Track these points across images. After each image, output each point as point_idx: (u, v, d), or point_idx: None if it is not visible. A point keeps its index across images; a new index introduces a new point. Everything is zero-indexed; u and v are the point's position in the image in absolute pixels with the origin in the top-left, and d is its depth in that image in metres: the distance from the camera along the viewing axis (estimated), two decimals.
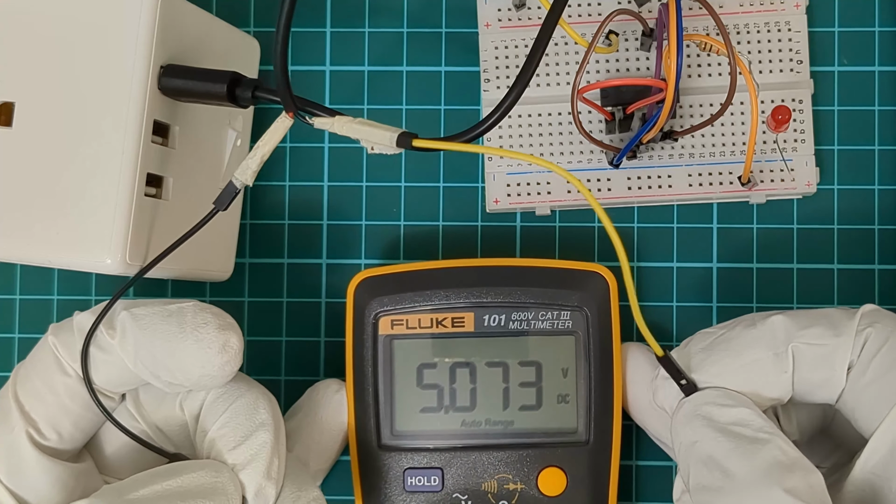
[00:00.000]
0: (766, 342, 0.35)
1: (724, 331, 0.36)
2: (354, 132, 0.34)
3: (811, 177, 0.42)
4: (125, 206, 0.35)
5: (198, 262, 0.40)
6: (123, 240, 0.35)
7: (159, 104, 0.36)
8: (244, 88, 0.36)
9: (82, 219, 0.35)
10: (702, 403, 0.34)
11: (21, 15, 0.36)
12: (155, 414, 0.37)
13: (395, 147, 0.33)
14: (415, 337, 0.40)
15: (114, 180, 0.35)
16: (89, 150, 0.35)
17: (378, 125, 0.34)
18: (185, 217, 0.38)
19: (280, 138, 0.35)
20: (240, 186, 0.35)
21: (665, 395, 0.36)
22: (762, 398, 0.35)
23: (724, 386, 0.35)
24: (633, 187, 0.43)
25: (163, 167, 0.37)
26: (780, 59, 0.43)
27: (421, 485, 0.40)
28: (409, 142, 0.33)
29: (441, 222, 0.44)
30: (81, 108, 0.35)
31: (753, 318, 0.36)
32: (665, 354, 0.35)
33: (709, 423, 0.34)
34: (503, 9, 0.43)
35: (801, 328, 0.34)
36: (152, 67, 0.35)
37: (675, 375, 0.35)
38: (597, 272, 0.40)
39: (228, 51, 0.40)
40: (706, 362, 0.35)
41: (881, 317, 0.34)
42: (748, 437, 0.33)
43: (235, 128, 0.41)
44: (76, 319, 0.35)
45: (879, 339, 0.34)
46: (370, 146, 0.34)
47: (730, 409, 0.34)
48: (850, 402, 0.34)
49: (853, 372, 0.34)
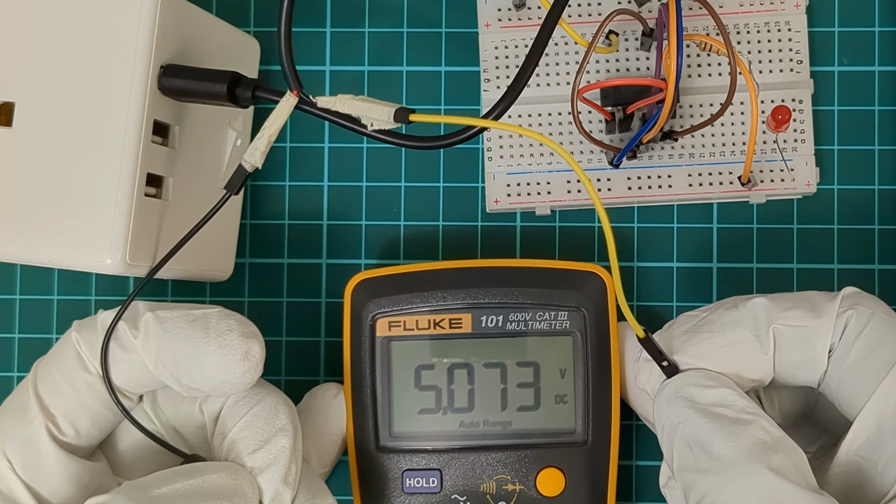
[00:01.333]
0: (748, 324, 0.35)
1: (706, 313, 0.36)
2: (354, 108, 0.34)
3: (811, 177, 0.42)
4: (125, 207, 0.35)
5: (198, 262, 0.41)
6: (124, 240, 0.35)
7: (159, 104, 0.36)
8: (244, 88, 0.36)
9: (82, 219, 0.35)
10: (684, 385, 0.35)
11: (21, 15, 0.36)
12: (172, 415, 0.37)
13: (393, 122, 0.34)
14: (412, 338, 0.40)
15: (114, 180, 0.35)
16: (89, 151, 0.35)
17: (377, 101, 0.34)
18: (185, 217, 0.38)
19: (286, 118, 0.35)
20: (250, 169, 0.35)
21: (647, 377, 0.37)
22: (744, 379, 0.35)
23: (705, 367, 0.35)
24: (633, 187, 0.43)
25: (163, 167, 0.37)
26: (780, 59, 0.42)
27: (420, 486, 0.40)
28: (405, 116, 0.34)
29: (441, 222, 0.44)
30: (81, 108, 0.35)
31: (735, 301, 0.36)
32: (646, 336, 0.35)
33: (691, 404, 0.34)
34: (503, 9, 0.43)
35: (781, 310, 0.35)
36: (152, 67, 0.35)
37: (656, 357, 0.35)
38: (594, 272, 0.40)
39: (228, 51, 0.40)
40: (688, 344, 0.35)
41: (862, 299, 0.35)
42: (731, 418, 0.33)
43: (235, 128, 0.41)
44: (100, 317, 0.35)
45: (861, 321, 0.34)
46: (370, 122, 0.34)
47: (712, 389, 0.34)
48: (833, 385, 0.35)
49: (835, 354, 0.34)
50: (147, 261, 0.36)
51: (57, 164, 0.35)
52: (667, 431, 0.35)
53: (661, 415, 0.35)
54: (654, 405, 0.36)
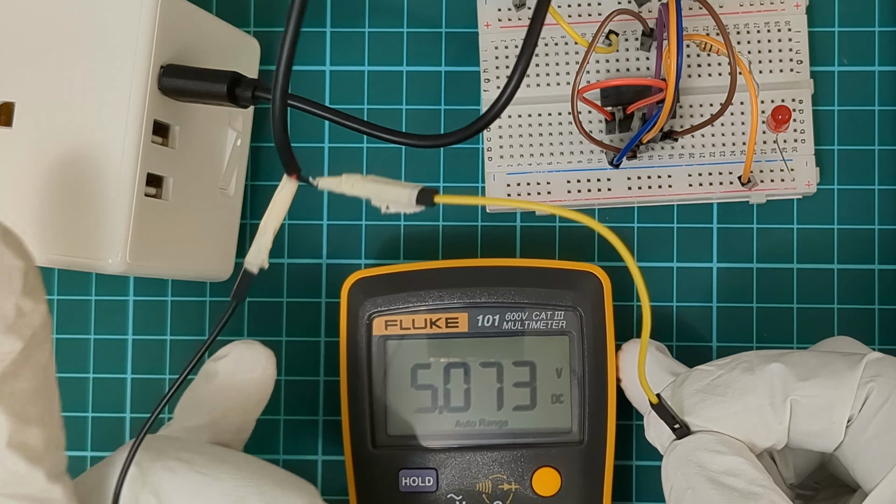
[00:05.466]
0: (763, 391, 0.33)
1: (721, 371, 0.35)
2: (366, 191, 0.30)
3: (811, 177, 0.42)
4: (126, 206, 0.35)
5: (198, 262, 0.41)
6: (124, 239, 0.35)
7: (159, 104, 0.36)
8: (244, 88, 0.36)
9: (83, 219, 0.35)
10: (695, 448, 0.34)
11: (21, 14, 0.36)
12: None
13: (416, 205, 0.30)
14: (409, 337, 0.40)
15: (114, 180, 0.35)
16: (90, 150, 0.35)
17: (392, 182, 0.30)
18: (184, 217, 0.38)
19: (289, 204, 0.32)
20: (255, 271, 0.32)
21: (657, 434, 0.35)
22: (756, 446, 0.34)
23: (717, 430, 0.34)
24: (633, 187, 0.42)
25: (163, 167, 0.37)
26: (780, 59, 0.42)
27: (415, 485, 0.40)
28: (430, 199, 0.30)
29: (441, 222, 0.44)
30: (81, 109, 0.35)
31: (752, 362, 0.34)
32: (659, 402, 0.34)
33: (701, 470, 0.33)
34: (503, 9, 0.43)
35: (800, 379, 0.33)
36: (152, 67, 0.36)
37: (668, 421, 0.34)
38: (591, 272, 0.40)
39: (228, 51, 0.41)
40: (700, 406, 0.34)
41: (885, 368, 0.33)
42: (741, 490, 0.32)
43: (235, 128, 0.41)
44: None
45: (883, 393, 0.32)
46: (384, 205, 0.30)
47: (723, 456, 0.33)
48: (849, 456, 0.33)
49: (854, 426, 0.33)
50: (147, 260, 0.36)
51: (57, 163, 0.35)
52: (675, 495, 0.34)
53: (670, 477, 0.34)
54: (664, 465, 0.35)
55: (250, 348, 0.38)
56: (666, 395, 0.35)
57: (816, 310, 0.43)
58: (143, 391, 0.44)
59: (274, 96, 0.29)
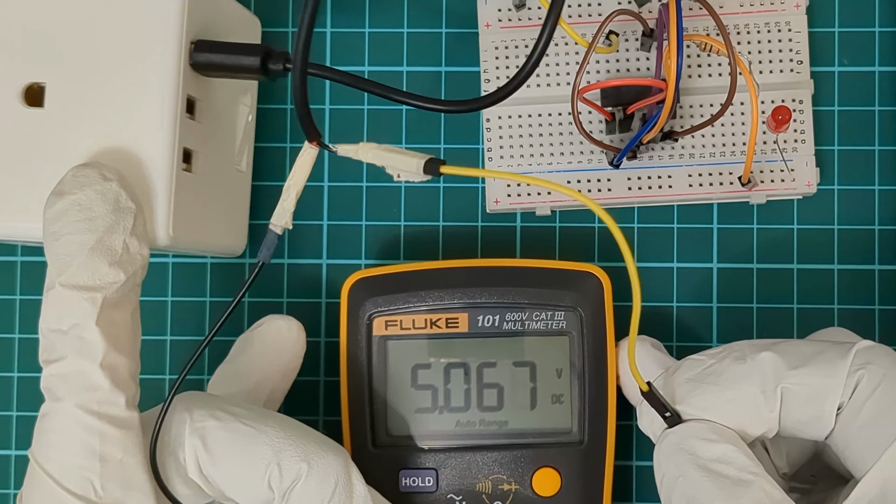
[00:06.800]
0: (755, 379, 0.34)
1: (712, 361, 0.35)
2: (378, 158, 0.33)
3: (811, 177, 0.42)
4: (167, 180, 0.35)
5: (220, 236, 0.41)
6: (167, 213, 0.35)
7: (191, 79, 0.36)
8: (276, 61, 0.36)
9: None
10: (686, 437, 0.34)
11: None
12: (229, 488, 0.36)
13: (422, 174, 0.33)
14: (409, 337, 0.40)
15: (154, 155, 0.35)
16: (125, 129, 0.35)
17: (404, 151, 0.33)
18: (210, 191, 0.39)
19: (309, 170, 0.34)
20: (280, 232, 0.35)
21: (649, 423, 0.36)
22: (748, 434, 0.34)
23: (709, 419, 0.34)
24: (634, 187, 0.42)
25: (193, 142, 0.37)
26: (780, 59, 0.42)
27: (415, 485, 0.40)
28: (436, 168, 0.33)
29: (441, 222, 0.44)
30: (113, 88, 0.35)
31: (743, 351, 0.35)
32: (649, 390, 0.34)
33: (692, 458, 0.33)
34: (503, 9, 0.43)
35: (791, 368, 0.33)
36: (185, 42, 0.36)
37: (659, 409, 0.34)
38: (591, 272, 0.40)
39: (234, 27, 0.40)
40: (692, 394, 0.34)
41: (875, 356, 0.33)
42: (732, 478, 0.32)
43: (245, 103, 0.42)
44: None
45: (872, 382, 0.32)
46: (396, 173, 0.33)
47: (714, 444, 0.33)
48: (839, 443, 0.34)
49: (844, 413, 0.33)
50: (186, 234, 0.37)
51: (91, 143, 0.35)
52: (666, 483, 0.34)
53: (662, 465, 0.34)
54: (655, 454, 0.35)
55: (284, 319, 0.40)
56: (658, 385, 0.35)
57: (816, 310, 0.43)
58: (143, 391, 0.44)
59: (295, 65, 0.32)
